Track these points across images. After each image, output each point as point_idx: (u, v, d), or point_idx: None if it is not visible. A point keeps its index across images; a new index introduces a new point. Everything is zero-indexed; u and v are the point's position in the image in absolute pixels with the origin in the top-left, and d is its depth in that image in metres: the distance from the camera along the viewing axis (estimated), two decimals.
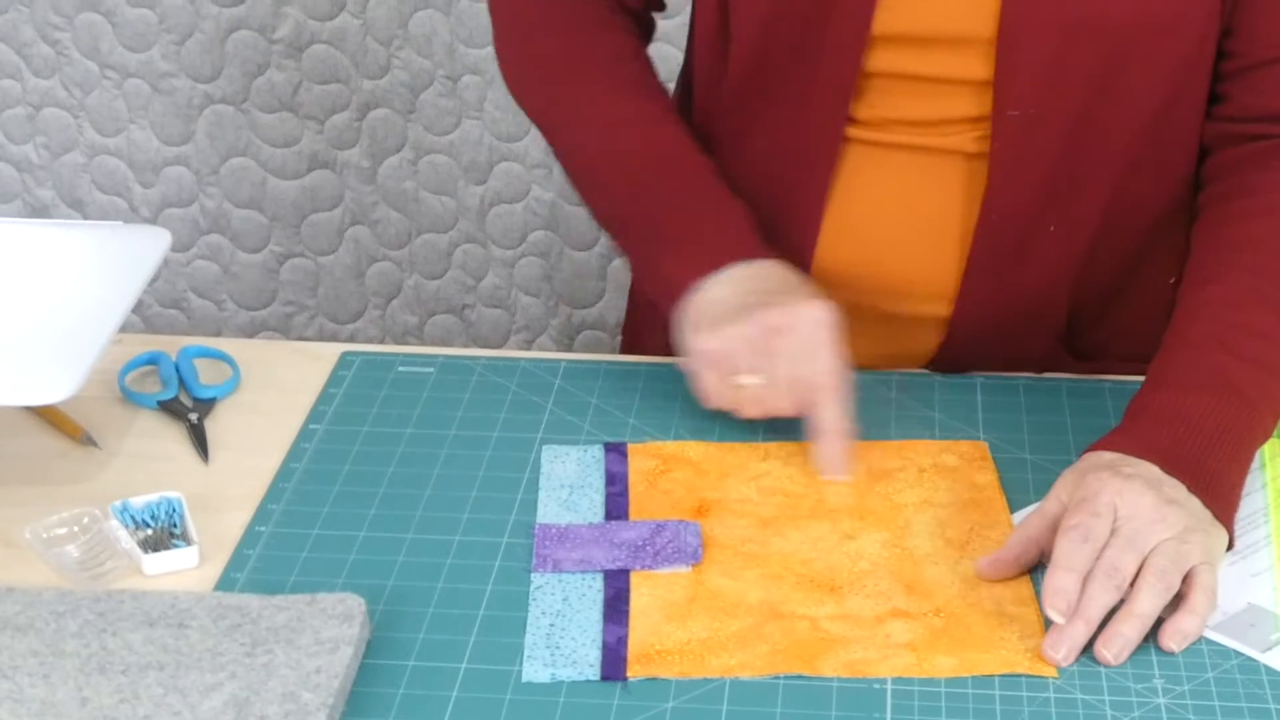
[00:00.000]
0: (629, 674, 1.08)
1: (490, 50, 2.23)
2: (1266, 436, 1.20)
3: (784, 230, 1.36)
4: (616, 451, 1.28)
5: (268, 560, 1.18)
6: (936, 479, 1.24)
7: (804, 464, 1.26)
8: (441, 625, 1.12)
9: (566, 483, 1.25)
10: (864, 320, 1.37)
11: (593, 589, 1.14)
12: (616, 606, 1.13)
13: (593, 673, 1.08)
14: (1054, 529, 1.13)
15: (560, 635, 1.11)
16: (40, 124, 2.33)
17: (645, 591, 1.14)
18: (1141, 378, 1.23)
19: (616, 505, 1.22)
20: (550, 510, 1.22)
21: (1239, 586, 1.15)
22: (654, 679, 1.07)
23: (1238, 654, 1.09)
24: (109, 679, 1.04)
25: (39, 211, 2.39)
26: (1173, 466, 1.15)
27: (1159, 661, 1.08)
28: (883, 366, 1.38)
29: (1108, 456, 1.16)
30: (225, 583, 1.16)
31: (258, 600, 1.10)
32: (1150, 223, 1.36)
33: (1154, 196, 1.34)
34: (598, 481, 1.25)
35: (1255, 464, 1.26)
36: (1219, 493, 1.15)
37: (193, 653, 1.06)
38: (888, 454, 1.27)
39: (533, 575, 1.16)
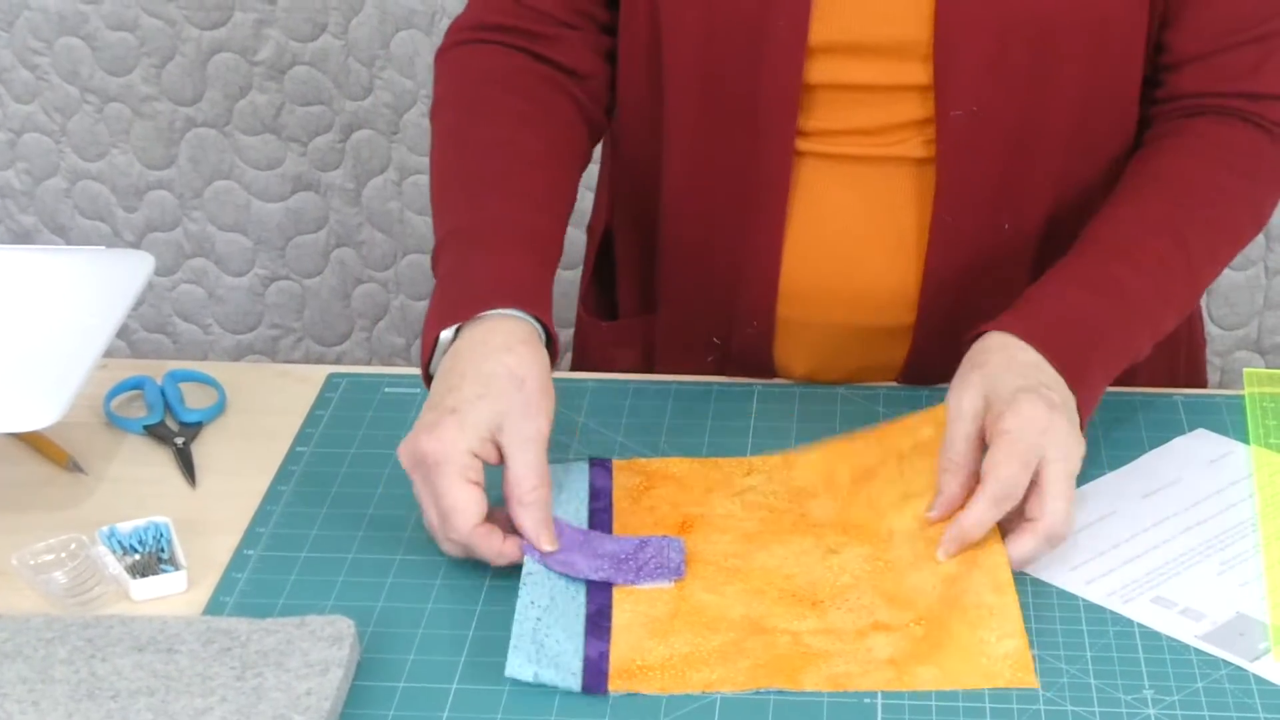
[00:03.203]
0: (610, 688, 1.08)
1: None
2: (1139, 357, 1.27)
3: (748, 252, 1.36)
4: (601, 467, 1.28)
5: (256, 583, 1.17)
6: (917, 462, 1.23)
7: (787, 479, 1.26)
8: (431, 646, 1.12)
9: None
10: (833, 334, 1.38)
11: (576, 600, 1.14)
12: (599, 622, 1.12)
13: (575, 682, 1.08)
14: (979, 446, 1.17)
15: (545, 634, 1.10)
16: (21, 149, 2.33)
17: (628, 608, 1.14)
18: (1119, 388, 1.25)
19: (600, 522, 1.22)
20: None
21: (1228, 596, 1.15)
22: (643, 695, 1.07)
23: (1227, 663, 1.09)
24: (98, 705, 1.04)
25: (21, 238, 2.39)
26: (1055, 357, 1.19)
27: (1149, 672, 1.09)
28: (855, 380, 1.39)
29: (999, 339, 1.21)
30: (214, 606, 1.15)
31: (246, 624, 1.10)
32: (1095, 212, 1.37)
33: (1099, 187, 1.36)
34: (582, 494, 1.25)
35: (1243, 473, 1.26)
36: (1090, 391, 1.21)
37: (182, 677, 1.06)
38: (869, 449, 1.26)
39: (525, 559, 1.15)
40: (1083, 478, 1.25)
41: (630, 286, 1.48)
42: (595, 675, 1.08)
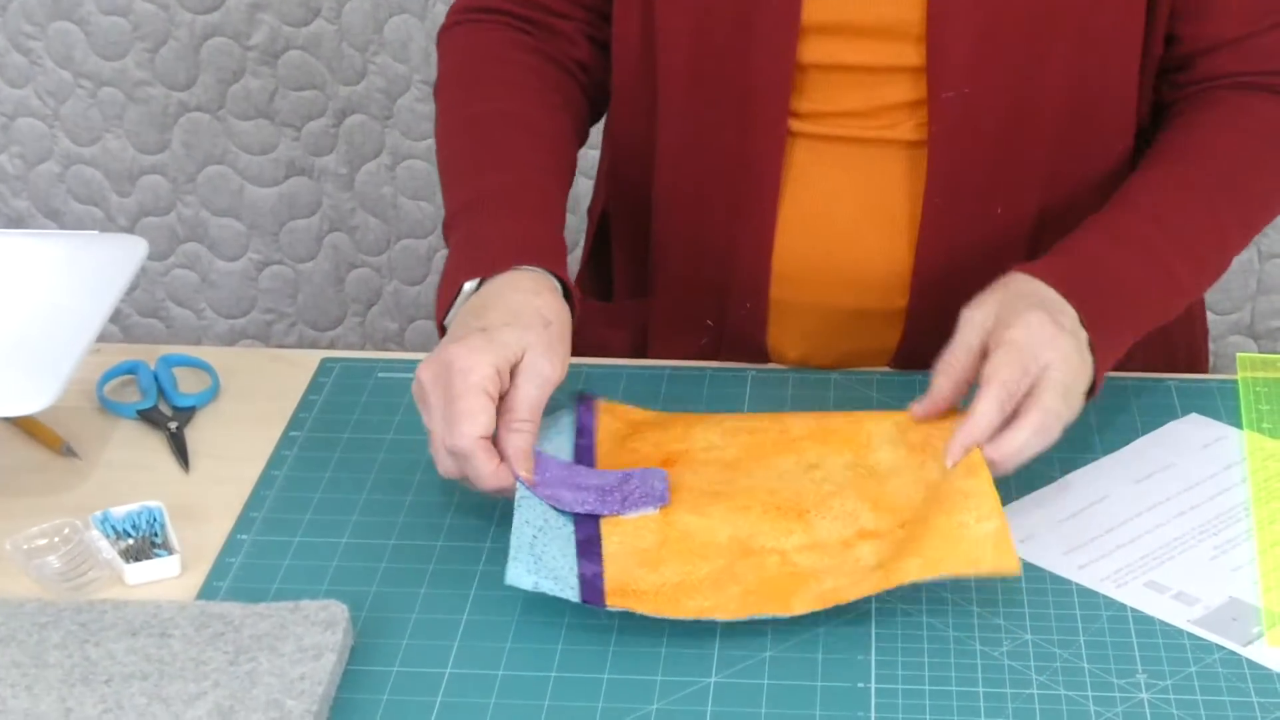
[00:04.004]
0: (608, 603, 1.09)
1: None
2: (1166, 317, 1.30)
3: (740, 233, 1.36)
4: (586, 405, 1.28)
5: (250, 568, 1.17)
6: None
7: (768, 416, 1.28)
8: (424, 630, 1.12)
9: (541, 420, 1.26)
10: (825, 317, 1.38)
11: (565, 530, 1.15)
12: (589, 549, 1.14)
13: (574, 594, 1.09)
14: (979, 359, 1.18)
15: (544, 548, 1.12)
16: (14, 134, 2.33)
17: (616, 539, 1.15)
18: (1113, 373, 1.25)
19: (585, 459, 1.23)
20: None
21: (1221, 580, 1.15)
22: (641, 678, 1.07)
23: (1220, 648, 1.10)
24: (92, 689, 1.04)
25: (15, 222, 2.39)
26: (1076, 298, 1.21)
27: (1142, 657, 1.09)
28: (848, 364, 1.39)
29: (1024, 277, 1.23)
30: (207, 591, 1.15)
31: (240, 608, 1.10)
32: (1092, 203, 1.37)
33: (1092, 173, 1.36)
34: (569, 430, 1.25)
35: (1236, 457, 1.27)
36: (1106, 336, 1.22)
37: (176, 662, 1.06)
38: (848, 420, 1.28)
39: (518, 485, 1.15)
40: (1076, 462, 1.26)
41: (626, 269, 1.49)
42: (592, 592, 1.10)
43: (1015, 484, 1.24)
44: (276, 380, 1.38)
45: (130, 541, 1.18)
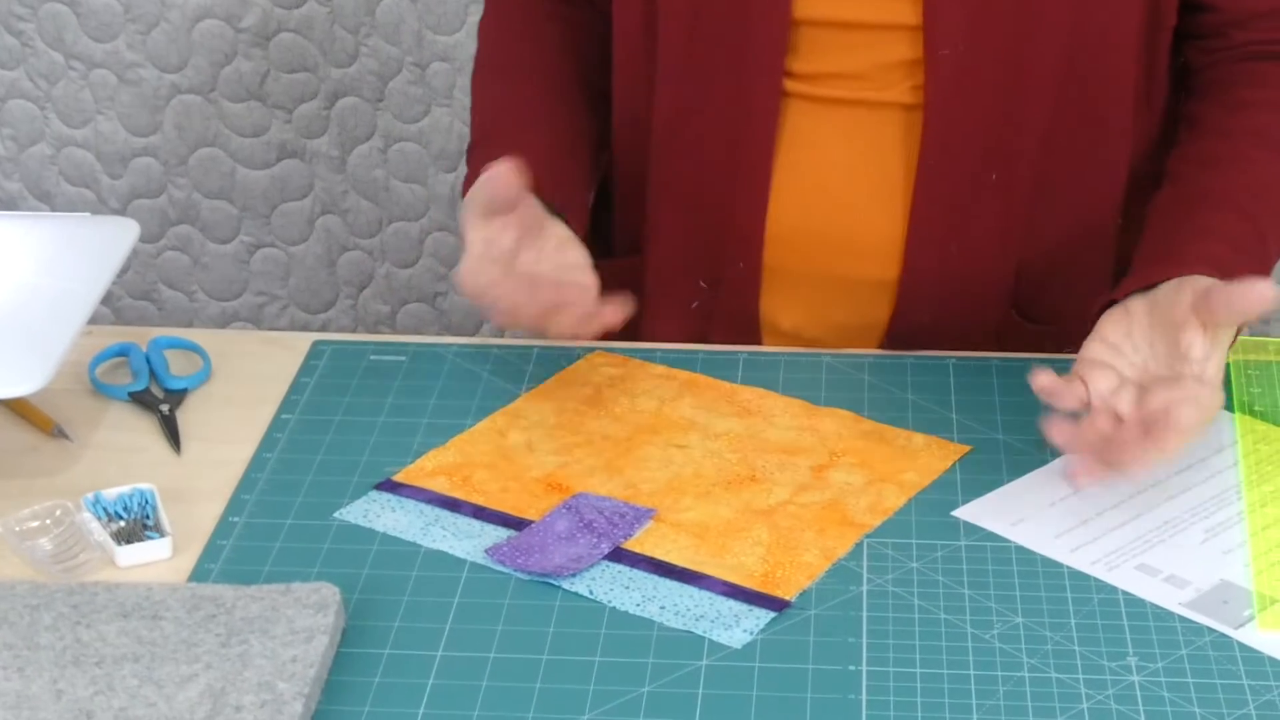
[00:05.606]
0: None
1: (458, 37, 2.22)
2: None
3: (735, 192, 1.36)
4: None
5: (241, 550, 1.17)
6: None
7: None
8: (416, 613, 1.12)
9: None
10: (818, 285, 1.38)
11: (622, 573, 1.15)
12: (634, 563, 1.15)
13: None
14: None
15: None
16: (6, 116, 2.32)
17: (660, 554, 1.15)
18: None
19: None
20: None
21: (1212, 563, 1.15)
22: (629, 661, 1.07)
23: (1211, 631, 1.10)
24: (84, 671, 1.04)
25: (6, 204, 2.38)
26: None
27: (1133, 640, 1.09)
28: (840, 337, 1.38)
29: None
30: (199, 573, 1.15)
31: (232, 590, 1.10)
32: (1089, 178, 1.37)
33: (1089, 140, 1.36)
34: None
35: (1227, 440, 1.27)
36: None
37: (167, 644, 1.06)
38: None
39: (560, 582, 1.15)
40: None
41: (624, 226, 1.49)
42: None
43: (1006, 467, 1.24)
44: (268, 363, 1.38)
45: (122, 524, 1.18)
